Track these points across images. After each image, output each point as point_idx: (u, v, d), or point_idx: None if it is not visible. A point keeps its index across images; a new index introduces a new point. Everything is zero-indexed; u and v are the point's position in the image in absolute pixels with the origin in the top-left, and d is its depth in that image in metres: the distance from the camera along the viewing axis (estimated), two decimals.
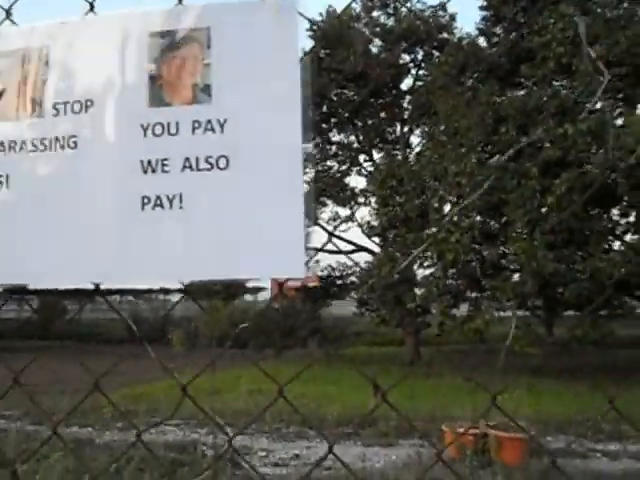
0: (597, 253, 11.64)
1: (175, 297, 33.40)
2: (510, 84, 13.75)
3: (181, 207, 1.18)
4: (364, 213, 21.97)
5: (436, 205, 13.63)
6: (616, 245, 14.17)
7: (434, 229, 13.38)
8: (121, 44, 1.24)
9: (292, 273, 1.16)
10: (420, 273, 14.60)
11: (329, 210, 22.10)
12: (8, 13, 1.35)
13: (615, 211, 14.14)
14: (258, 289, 25.70)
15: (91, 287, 1.30)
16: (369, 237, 20.84)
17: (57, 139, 1.25)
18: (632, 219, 14.26)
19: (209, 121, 1.19)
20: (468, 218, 12.39)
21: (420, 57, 19.16)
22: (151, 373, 12.29)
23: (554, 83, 12.52)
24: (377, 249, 20.10)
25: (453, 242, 11.90)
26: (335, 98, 18.66)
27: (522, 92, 13.45)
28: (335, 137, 21.02)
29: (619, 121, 11.69)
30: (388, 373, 12.83)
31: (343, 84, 17.97)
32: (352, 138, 20.73)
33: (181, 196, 1.18)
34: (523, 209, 11.48)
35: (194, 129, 1.19)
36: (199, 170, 1.18)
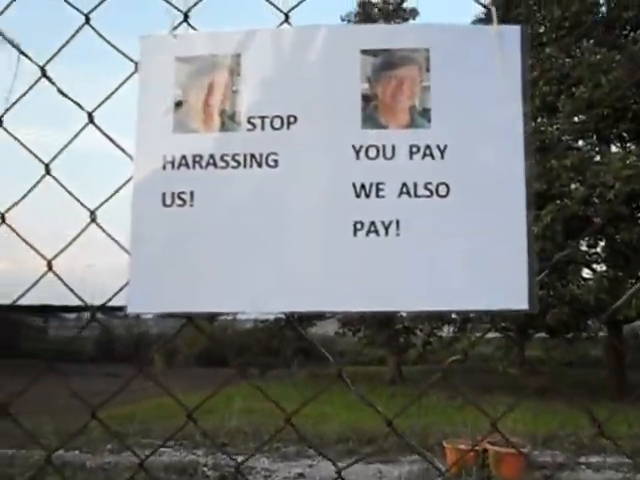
0: (575, 280, 11.98)
1: (148, 315, 32.46)
2: None
3: (398, 234, 1.12)
4: None
5: None
6: (585, 273, 14.71)
7: None
8: (328, 59, 1.17)
9: (514, 305, 1.11)
10: None
11: None
12: (186, 16, 1.26)
13: (583, 242, 14.66)
14: None
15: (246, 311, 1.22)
16: None
17: (253, 156, 1.17)
18: (599, 250, 14.81)
19: (428, 146, 1.13)
20: None
21: None
22: (135, 393, 11.93)
23: (538, 120, 12.85)
24: None
25: None
26: None
27: None
28: None
29: (598, 158, 12.07)
30: (375, 392, 12.99)
31: None
32: None
33: (398, 222, 1.12)
34: None
35: (412, 154, 1.13)
36: (417, 196, 1.12)
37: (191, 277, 1.16)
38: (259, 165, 1.16)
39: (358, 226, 1.12)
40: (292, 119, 1.16)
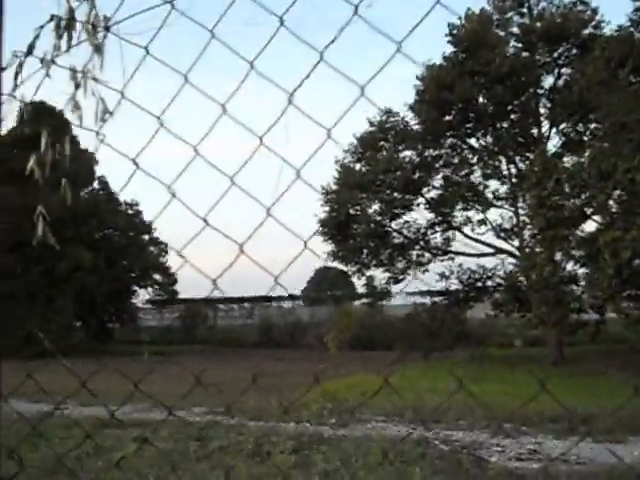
0: None
1: (299, 303, 34.56)
2: None
3: None
4: (496, 216, 21.98)
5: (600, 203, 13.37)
6: None
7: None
8: None
9: None
10: (581, 273, 14.45)
11: (460, 215, 22.05)
12: None
13: None
14: (383, 293, 26.06)
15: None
16: (505, 240, 20.74)
17: None
18: None
19: None
20: None
21: (560, 55, 18.77)
22: (322, 374, 13.12)
23: None
24: (516, 251, 20.00)
25: (629, 240, 11.64)
26: (481, 101, 18.71)
27: None
28: (472, 141, 21.07)
29: None
30: (544, 373, 12.90)
31: (487, 87, 17.98)
32: (490, 141, 20.63)
33: None
34: None
35: None
36: None
37: None
38: None
39: None
40: None
